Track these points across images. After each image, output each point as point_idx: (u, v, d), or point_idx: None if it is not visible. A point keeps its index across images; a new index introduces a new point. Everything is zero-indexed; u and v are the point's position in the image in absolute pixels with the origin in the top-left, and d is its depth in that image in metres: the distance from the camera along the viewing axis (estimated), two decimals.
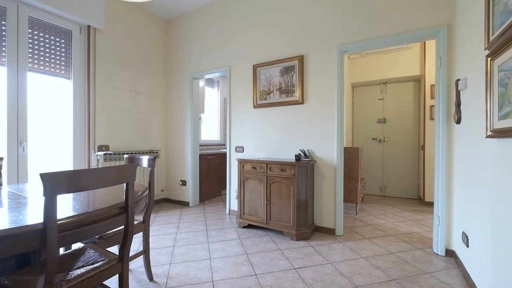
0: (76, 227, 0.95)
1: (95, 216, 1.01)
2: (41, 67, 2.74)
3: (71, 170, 0.89)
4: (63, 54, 2.92)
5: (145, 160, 1.86)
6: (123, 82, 3.48)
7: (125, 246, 1.19)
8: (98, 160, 3.11)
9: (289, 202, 2.57)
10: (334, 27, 2.68)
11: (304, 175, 2.57)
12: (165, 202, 4.10)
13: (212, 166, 4.34)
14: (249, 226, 2.90)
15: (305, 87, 2.85)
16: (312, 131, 2.80)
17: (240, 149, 3.34)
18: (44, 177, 0.81)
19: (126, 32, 3.51)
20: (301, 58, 2.85)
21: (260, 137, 3.18)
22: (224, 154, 4.68)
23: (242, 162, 2.88)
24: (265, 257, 2.17)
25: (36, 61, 2.69)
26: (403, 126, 4.45)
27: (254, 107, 3.19)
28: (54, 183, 0.83)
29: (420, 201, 4.14)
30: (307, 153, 2.80)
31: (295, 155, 2.73)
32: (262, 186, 2.74)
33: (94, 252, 1.24)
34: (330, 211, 2.69)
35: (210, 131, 5.32)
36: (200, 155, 4.03)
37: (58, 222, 0.88)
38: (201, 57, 3.72)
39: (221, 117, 5.53)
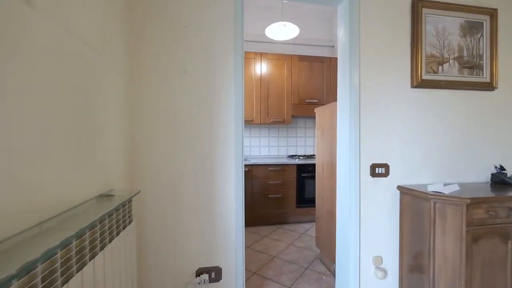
0: None
1: None
2: None
3: None
4: None
5: None
6: None
7: None
8: None
9: None
10: None
11: None
12: None
13: None
14: None
15: (497, 61, 1.74)
16: (508, 136, 1.76)
17: (381, 170, 1.57)
18: None
19: None
20: (493, 14, 1.70)
21: (419, 144, 1.63)
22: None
23: (472, 206, 1.26)
24: None
25: None
26: None
27: (415, 85, 1.59)
28: None
29: None
30: (505, 171, 1.72)
31: (493, 174, 1.61)
32: (510, 249, 1.33)
33: None
34: None
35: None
36: None
37: None
38: None
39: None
